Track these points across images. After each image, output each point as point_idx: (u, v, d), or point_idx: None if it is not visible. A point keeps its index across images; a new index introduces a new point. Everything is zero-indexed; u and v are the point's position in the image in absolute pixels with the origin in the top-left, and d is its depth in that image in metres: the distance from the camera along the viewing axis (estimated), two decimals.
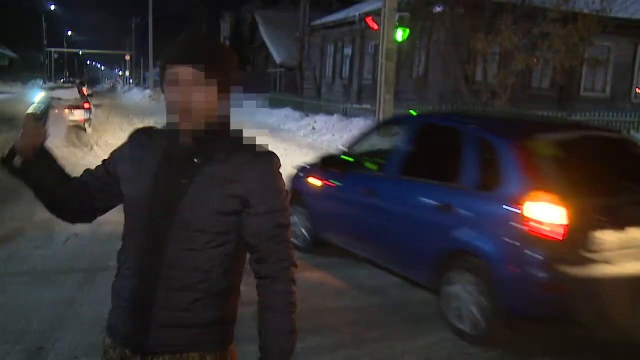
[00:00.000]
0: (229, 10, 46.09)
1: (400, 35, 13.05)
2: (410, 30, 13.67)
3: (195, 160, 1.67)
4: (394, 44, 14.04)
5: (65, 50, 67.26)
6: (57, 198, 1.80)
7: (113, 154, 1.84)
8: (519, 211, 3.93)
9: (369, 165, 5.74)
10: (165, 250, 1.65)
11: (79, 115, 17.46)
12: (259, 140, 1.78)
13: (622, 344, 4.00)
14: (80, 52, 72.34)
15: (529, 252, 3.88)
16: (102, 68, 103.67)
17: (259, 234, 1.70)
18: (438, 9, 16.66)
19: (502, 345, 4.22)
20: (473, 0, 16.26)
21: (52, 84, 27.85)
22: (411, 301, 5.09)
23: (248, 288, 1.80)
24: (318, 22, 27.50)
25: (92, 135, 16.56)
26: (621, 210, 4.01)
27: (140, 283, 1.68)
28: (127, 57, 68.75)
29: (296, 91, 28.24)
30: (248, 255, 1.77)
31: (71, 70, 65.61)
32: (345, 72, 25.98)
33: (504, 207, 4.07)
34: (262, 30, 35.35)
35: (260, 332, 1.72)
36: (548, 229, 3.80)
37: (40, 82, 43.36)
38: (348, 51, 25.66)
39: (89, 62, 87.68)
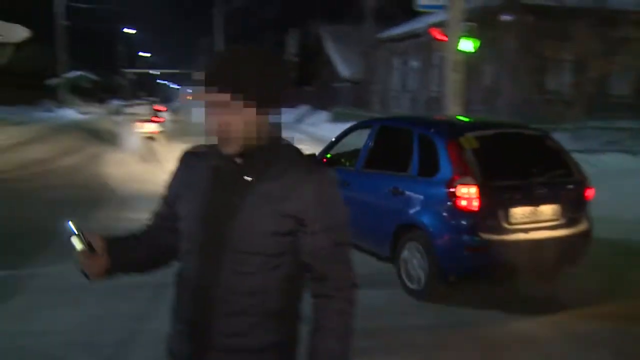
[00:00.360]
0: (294, 27, 46.71)
1: (467, 45, 12.83)
2: (479, 40, 13.42)
3: (246, 178, 1.61)
4: (460, 55, 13.81)
5: (140, 71, 69.99)
6: (144, 266, 1.83)
7: (168, 184, 1.80)
8: (449, 191, 5.01)
9: (343, 161, 6.95)
10: (220, 274, 1.59)
11: (151, 127, 20.54)
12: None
13: (540, 297, 5.30)
14: (153, 72, 75.07)
15: (455, 222, 5.02)
16: (175, 87, 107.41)
17: (314, 253, 1.62)
18: (506, 18, 16.27)
19: (443, 298, 5.24)
20: (543, 6, 15.80)
21: (128, 102, 29.60)
22: (482, 321, 4.92)
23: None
24: (384, 35, 27.42)
25: (162, 150, 17.07)
26: (530, 190, 5.15)
27: (196, 307, 1.63)
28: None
29: (363, 105, 28.20)
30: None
31: (146, 90, 68.22)
32: (412, 84, 25.75)
33: (439, 189, 5.12)
34: (328, 45, 35.58)
35: (309, 352, 1.64)
36: (466, 203, 4.92)
37: (117, 102, 45.23)
38: (414, 63, 25.44)
39: (162, 82, 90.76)
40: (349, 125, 7.59)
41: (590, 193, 5.43)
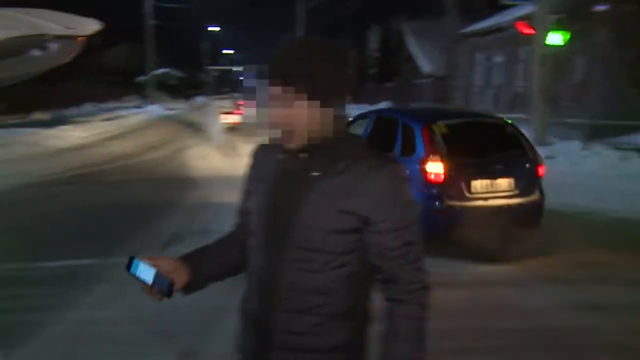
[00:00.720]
0: (375, 22, 46.44)
1: (556, 38, 12.29)
2: (568, 32, 12.82)
3: (312, 174, 1.55)
4: (549, 49, 13.26)
5: (223, 67, 71.79)
6: (227, 272, 1.82)
7: (244, 182, 1.78)
8: (421, 167, 6.12)
9: None
10: (284, 271, 1.55)
11: (233, 119, 24.25)
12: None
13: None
14: (236, 69, 76.82)
15: (426, 192, 6.09)
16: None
17: (383, 253, 1.54)
18: (601, 8, 15.40)
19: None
20: None
21: (212, 97, 31.63)
22: (570, 327, 4.66)
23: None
24: (467, 30, 26.75)
25: (242, 145, 17.41)
26: (488, 166, 6.25)
27: (261, 304, 1.61)
28: None
29: (445, 101, 27.65)
30: None
31: (228, 86, 69.92)
32: (496, 80, 24.99)
33: (415, 165, 6.14)
34: (409, 40, 35.12)
35: (379, 357, 1.57)
36: (434, 176, 6.08)
37: (201, 98, 46.60)
38: (498, 58, 24.67)
39: (243, 78, 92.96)
40: None
41: (541, 170, 6.56)
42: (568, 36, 12.84)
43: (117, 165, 13.74)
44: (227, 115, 24.40)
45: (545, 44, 12.31)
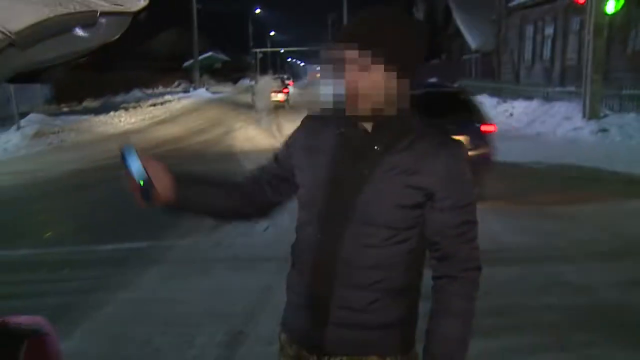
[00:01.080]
0: None
1: (611, 6, 11.80)
2: (624, 0, 12.28)
3: (376, 148, 1.52)
4: (603, 18, 12.75)
5: (269, 49, 71.98)
6: (217, 213, 1.74)
7: (285, 143, 1.73)
8: None
9: None
10: (343, 246, 1.52)
11: (281, 96, 26.92)
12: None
13: None
14: (282, 50, 76.87)
15: None
16: (302, 64, 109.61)
17: (442, 230, 1.52)
18: None
19: None
20: None
21: (260, 78, 33.44)
22: (625, 304, 4.50)
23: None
24: (515, 2, 25.98)
25: (288, 126, 17.50)
26: (444, 126, 6.43)
27: (316, 280, 1.57)
28: None
29: (493, 77, 27.05)
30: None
31: (275, 68, 70.19)
32: (546, 53, 24.21)
33: None
34: (456, 16, 34.36)
35: (427, 334, 1.56)
36: None
37: (247, 80, 46.92)
38: (549, 30, 23.88)
39: (290, 59, 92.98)
40: (480, 98, 7.83)
41: (489, 128, 7.67)
42: (621, 3, 12.30)
43: (164, 149, 13.97)
44: (276, 94, 26.86)
45: (600, 13, 11.82)
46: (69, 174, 10.90)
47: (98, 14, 1.12)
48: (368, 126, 1.55)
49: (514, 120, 16.91)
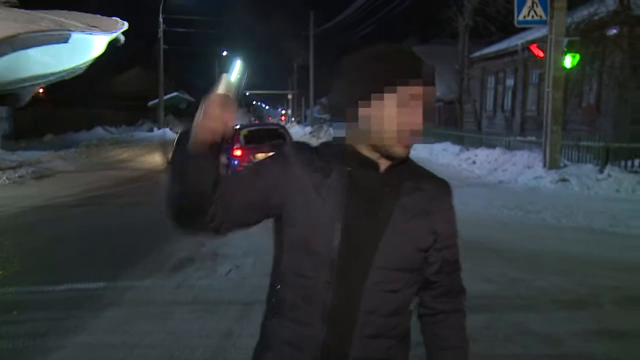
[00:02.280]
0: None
1: (569, 61, 12.21)
2: (580, 55, 12.75)
3: (387, 189, 1.47)
4: (561, 72, 13.18)
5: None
6: (196, 205, 1.44)
7: (268, 166, 1.53)
8: (232, 149, 13.43)
9: None
10: (363, 294, 1.43)
11: None
12: None
13: None
14: (247, 93, 77.30)
15: (233, 160, 13.31)
16: (267, 107, 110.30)
17: (443, 268, 1.55)
18: (613, 31, 15.35)
19: None
20: None
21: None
22: (590, 354, 4.49)
23: None
24: (477, 53, 26.78)
25: None
26: (263, 148, 12.66)
27: (331, 332, 1.44)
28: (290, 97, 72.16)
29: (455, 125, 27.59)
30: None
31: (243, 107, 70.65)
32: (507, 103, 24.91)
33: (230, 150, 13.37)
34: None
35: None
36: (239, 154, 13.51)
37: None
38: (510, 82, 24.63)
39: (255, 102, 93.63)
40: (443, 145, 7.55)
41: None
42: (577, 59, 12.77)
43: (126, 187, 13.70)
44: None
45: (559, 66, 12.22)
46: (25, 211, 10.56)
47: (72, 34, 1.06)
48: (383, 166, 1.48)
49: (477, 168, 17.18)
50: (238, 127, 13.92)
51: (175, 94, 51.33)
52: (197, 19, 44.67)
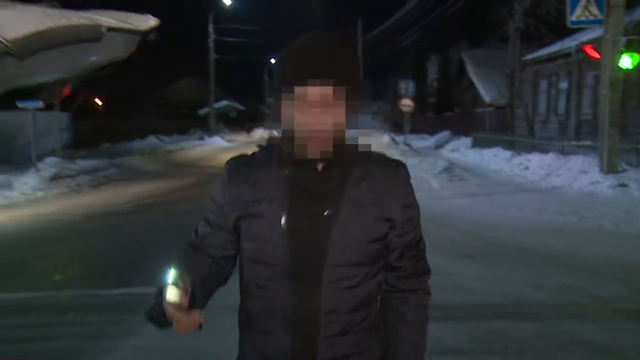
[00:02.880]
0: (435, 52, 46.24)
1: (627, 61, 11.82)
2: (638, 55, 12.31)
3: (332, 185, 1.43)
4: (619, 73, 12.77)
5: None
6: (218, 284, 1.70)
7: (216, 205, 1.58)
8: None
9: None
10: (320, 293, 1.43)
11: None
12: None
13: None
14: None
15: None
16: None
17: (405, 253, 1.52)
18: None
19: None
20: None
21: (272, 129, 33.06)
22: None
23: None
24: (529, 56, 26.22)
25: None
26: None
27: (296, 337, 1.45)
28: None
29: (506, 130, 27.07)
30: None
31: None
32: (561, 107, 24.26)
33: None
34: (470, 69, 34.75)
35: (393, 346, 1.55)
36: None
37: (262, 130, 47.42)
38: (563, 85, 24.00)
39: None
40: (494, 150, 7.29)
41: None
42: (638, 59, 12.33)
43: (180, 194, 13.97)
44: None
45: (615, 68, 11.83)
46: (82, 218, 10.88)
47: (104, 29, 1.06)
48: (320, 164, 1.44)
49: (529, 174, 16.79)
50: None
51: (225, 102, 52.15)
52: (246, 29, 45.31)
